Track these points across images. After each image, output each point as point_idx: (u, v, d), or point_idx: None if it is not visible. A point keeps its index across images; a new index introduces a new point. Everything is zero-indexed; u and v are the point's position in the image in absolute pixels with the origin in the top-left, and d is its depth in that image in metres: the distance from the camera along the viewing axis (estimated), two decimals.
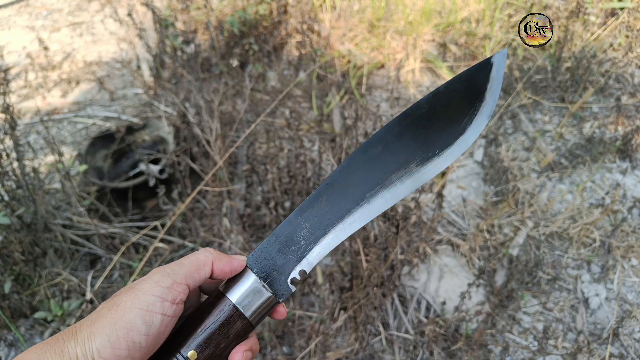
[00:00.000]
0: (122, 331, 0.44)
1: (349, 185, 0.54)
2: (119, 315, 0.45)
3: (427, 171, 0.54)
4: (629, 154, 2.25)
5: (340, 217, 0.53)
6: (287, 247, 0.54)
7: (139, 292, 0.46)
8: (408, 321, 1.68)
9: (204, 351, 0.49)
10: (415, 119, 0.54)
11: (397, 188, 0.54)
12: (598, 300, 1.79)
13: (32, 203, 1.67)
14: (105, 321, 0.45)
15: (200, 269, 0.50)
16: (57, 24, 3.61)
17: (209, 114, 2.06)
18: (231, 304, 0.51)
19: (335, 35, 2.88)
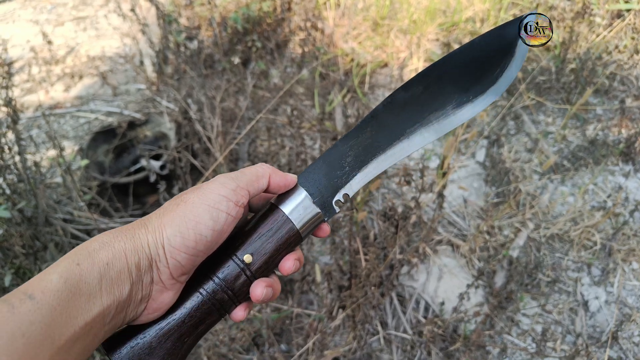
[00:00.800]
0: (191, 223, 0.48)
1: (390, 120, 0.58)
2: (188, 209, 0.49)
3: (461, 115, 0.58)
4: (632, 157, 2.23)
5: (382, 149, 0.58)
6: (333, 171, 0.58)
7: (206, 190, 0.50)
8: (406, 321, 1.68)
9: (258, 256, 0.53)
10: (453, 66, 0.58)
11: (433, 127, 0.58)
12: (598, 303, 1.78)
13: (33, 197, 1.68)
14: (175, 214, 0.49)
15: (260, 179, 0.54)
16: (61, 18, 3.61)
17: (210, 111, 2.06)
18: (284, 215, 0.54)
19: (339, 33, 2.87)
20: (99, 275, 0.44)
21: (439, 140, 2.43)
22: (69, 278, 0.42)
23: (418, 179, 1.56)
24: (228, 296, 0.52)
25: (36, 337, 0.38)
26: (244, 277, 0.53)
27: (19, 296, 0.40)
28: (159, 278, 0.48)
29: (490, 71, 0.58)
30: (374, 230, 1.69)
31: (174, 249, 0.48)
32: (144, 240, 0.48)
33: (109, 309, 0.44)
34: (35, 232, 1.70)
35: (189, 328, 0.51)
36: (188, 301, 0.51)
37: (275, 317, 1.64)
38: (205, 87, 2.23)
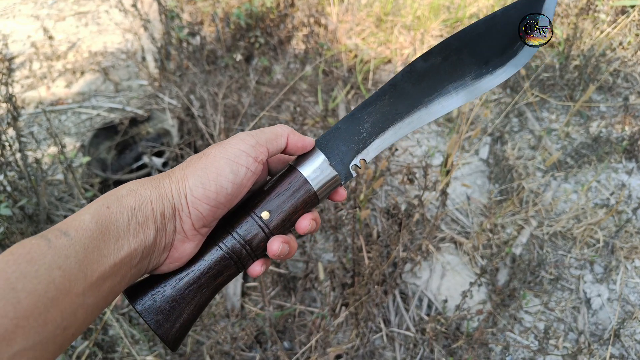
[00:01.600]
0: (212, 175, 0.50)
1: (410, 89, 0.59)
2: (209, 162, 0.51)
3: (480, 86, 0.58)
4: (635, 155, 2.23)
5: (400, 117, 0.58)
6: (351, 137, 0.59)
7: (227, 145, 0.52)
8: (409, 318, 1.68)
9: (275, 214, 0.55)
10: (474, 37, 0.58)
11: (452, 97, 0.58)
12: (600, 300, 1.78)
13: (34, 194, 1.67)
14: (197, 166, 0.51)
15: (279, 138, 0.55)
16: (62, 13, 3.60)
17: (213, 107, 2.05)
18: (302, 176, 0.56)
19: (343, 29, 2.86)
20: (127, 219, 0.46)
21: (442, 137, 2.42)
22: (100, 219, 0.45)
23: (421, 177, 1.56)
24: (246, 251, 0.55)
25: (71, 270, 0.41)
26: (262, 234, 0.55)
27: (55, 233, 0.43)
28: (182, 227, 0.51)
29: (511, 44, 0.58)
30: (377, 228, 1.69)
31: (196, 199, 0.50)
32: (168, 190, 0.50)
33: (136, 252, 0.47)
34: (37, 230, 1.70)
35: (207, 279, 0.54)
36: (208, 254, 0.54)
37: (278, 315, 1.64)
38: (208, 84, 2.22)
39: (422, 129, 2.48)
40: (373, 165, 2.11)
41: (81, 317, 0.42)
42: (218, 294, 1.77)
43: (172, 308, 0.52)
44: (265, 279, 1.71)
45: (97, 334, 1.42)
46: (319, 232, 1.94)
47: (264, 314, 1.60)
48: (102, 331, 1.46)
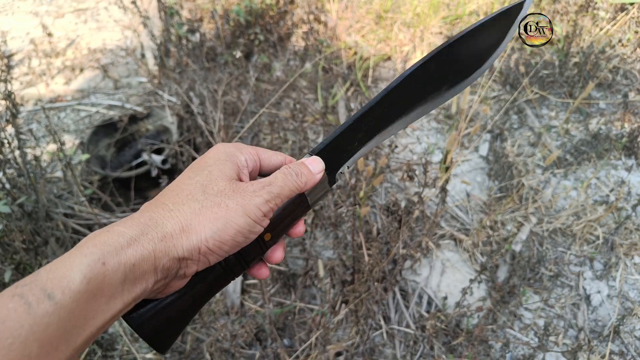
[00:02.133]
0: (232, 232, 0.47)
1: (398, 99, 0.60)
2: (230, 217, 0.47)
3: (448, 94, 0.63)
4: (634, 152, 2.23)
5: (385, 126, 0.60)
6: (347, 146, 0.59)
7: (246, 198, 0.49)
8: (409, 315, 1.68)
9: (275, 234, 0.55)
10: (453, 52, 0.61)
11: (427, 105, 0.62)
12: (600, 297, 1.78)
13: (33, 191, 1.67)
14: (215, 217, 0.47)
15: (288, 181, 0.53)
16: (61, 10, 3.59)
17: (212, 104, 2.05)
18: (305, 199, 0.56)
19: (342, 26, 2.85)
20: (123, 276, 0.41)
21: (441, 134, 2.42)
22: (93, 278, 0.39)
23: (421, 174, 1.56)
24: (241, 265, 0.54)
25: (52, 340, 0.36)
26: (260, 251, 0.55)
27: (38, 295, 0.37)
28: (184, 273, 0.48)
29: (482, 60, 0.62)
30: (377, 225, 1.69)
31: (210, 252, 0.47)
32: (178, 243, 0.45)
33: (128, 305, 0.43)
34: (36, 227, 1.69)
35: (200, 291, 0.53)
36: (203, 272, 0.52)
37: (278, 312, 1.64)
38: (207, 81, 2.22)
39: (422, 126, 2.48)
40: (372, 162, 2.11)
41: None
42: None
43: (162, 316, 0.50)
44: None
45: None
46: (319, 230, 1.94)
47: (263, 311, 1.60)
48: None
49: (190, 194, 0.48)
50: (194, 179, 0.49)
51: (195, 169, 0.50)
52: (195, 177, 0.49)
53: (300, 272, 1.75)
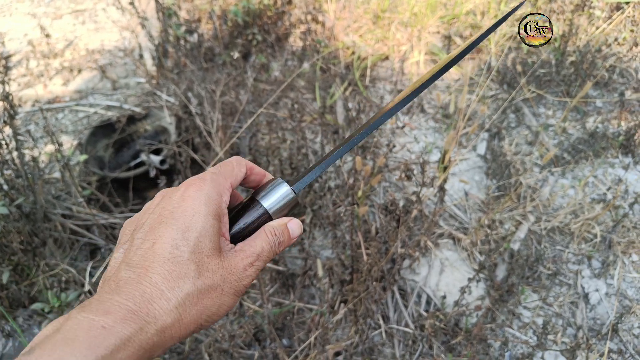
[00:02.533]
0: (223, 312, 0.46)
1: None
2: (223, 300, 0.46)
3: None
4: (631, 150, 2.23)
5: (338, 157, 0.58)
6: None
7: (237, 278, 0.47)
8: (408, 315, 1.68)
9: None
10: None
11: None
12: (598, 295, 1.79)
13: (31, 192, 1.67)
14: (211, 303, 0.45)
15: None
16: (59, 11, 3.58)
17: (210, 105, 2.05)
18: (263, 208, 0.53)
19: (340, 26, 2.86)
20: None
21: (439, 134, 2.42)
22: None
23: (419, 174, 1.56)
24: None
25: None
26: None
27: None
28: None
29: None
30: (376, 224, 1.69)
31: (199, 330, 0.45)
32: (176, 334, 0.42)
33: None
34: (34, 228, 1.69)
35: None
36: None
37: (277, 312, 1.64)
38: (206, 81, 2.22)
39: (420, 125, 2.48)
40: (371, 161, 2.11)
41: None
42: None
43: None
44: (264, 276, 1.71)
45: None
46: (317, 229, 1.94)
47: (262, 311, 1.60)
48: None
49: (183, 273, 0.43)
50: (180, 248, 0.43)
51: (175, 225, 0.44)
52: (182, 241, 0.44)
53: (299, 271, 1.75)
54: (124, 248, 0.45)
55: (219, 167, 0.50)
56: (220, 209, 0.47)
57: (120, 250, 0.46)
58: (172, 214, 0.45)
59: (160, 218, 0.45)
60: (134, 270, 0.42)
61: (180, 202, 0.45)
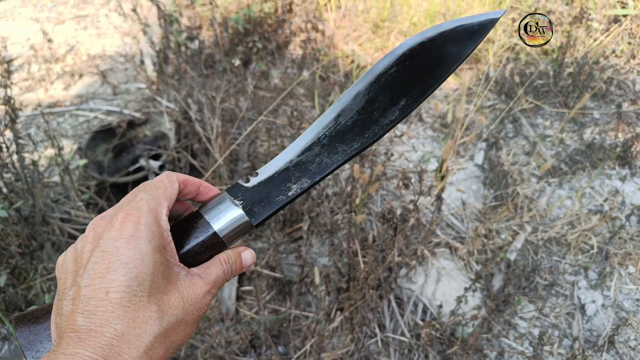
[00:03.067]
0: (186, 341, 0.46)
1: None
2: (187, 331, 0.46)
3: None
4: (628, 161, 2.25)
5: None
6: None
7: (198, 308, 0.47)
8: (404, 324, 1.68)
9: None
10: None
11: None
12: (594, 307, 1.79)
13: (30, 196, 1.67)
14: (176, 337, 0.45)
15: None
16: (61, 16, 3.61)
17: (210, 111, 2.06)
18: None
19: (340, 34, 2.88)
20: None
21: (437, 143, 2.43)
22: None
23: (416, 182, 1.57)
24: None
25: None
26: None
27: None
28: None
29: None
30: (373, 233, 1.70)
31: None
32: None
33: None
34: (32, 232, 1.70)
35: None
36: None
37: (273, 319, 1.64)
38: (206, 87, 2.23)
39: (418, 134, 2.50)
40: (369, 169, 2.12)
41: None
42: (213, 298, 1.77)
43: None
44: (261, 282, 1.72)
45: None
46: (315, 236, 1.94)
47: (258, 318, 1.60)
48: None
49: (147, 317, 0.42)
50: (138, 294, 0.42)
51: (126, 271, 0.42)
52: (137, 287, 0.42)
53: (295, 279, 1.75)
54: (70, 295, 0.43)
55: (151, 191, 0.48)
56: (164, 239, 0.46)
57: (68, 296, 0.43)
58: (118, 259, 0.42)
59: (105, 263, 0.42)
60: (92, 320, 0.40)
61: (124, 245, 0.43)
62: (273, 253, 1.68)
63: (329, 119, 0.57)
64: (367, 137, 0.56)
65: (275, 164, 0.55)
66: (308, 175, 0.55)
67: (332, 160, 0.55)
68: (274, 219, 1.87)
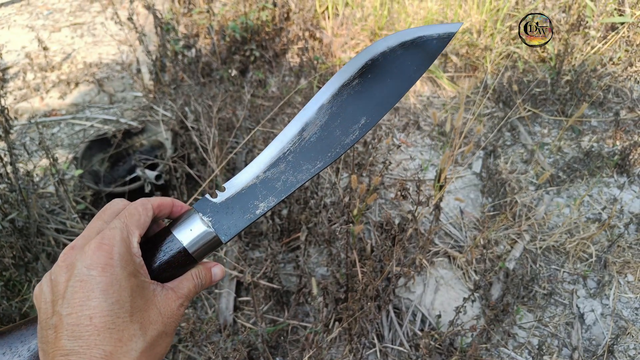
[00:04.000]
0: (165, 352, 0.50)
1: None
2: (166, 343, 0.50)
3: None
4: (626, 169, 2.25)
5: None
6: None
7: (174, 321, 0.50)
8: (403, 334, 1.67)
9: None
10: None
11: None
12: (593, 316, 1.78)
13: (25, 207, 1.66)
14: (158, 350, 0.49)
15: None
16: (57, 24, 3.60)
17: (207, 120, 2.05)
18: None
19: (337, 43, 2.88)
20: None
21: (435, 151, 2.43)
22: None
23: (414, 192, 1.56)
24: None
25: None
26: None
27: None
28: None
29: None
30: (371, 243, 1.69)
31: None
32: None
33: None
34: (27, 243, 1.68)
35: None
36: None
37: (271, 330, 1.62)
38: (203, 96, 2.22)
39: (416, 143, 2.49)
40: (367, 179, 2.12)
41: None
42: (210, 309, 1.76)
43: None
44: (258, 293, 1.70)
45: None
46: (312, 246, 1.93)
47: (256, 329, 1.59)
48: None
49: (131, 335, 0.45)
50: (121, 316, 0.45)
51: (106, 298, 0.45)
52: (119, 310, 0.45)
53: (293, 289, 1.74)
54: (52, 323, 0.45)
55: (125, 219, 0.50)
56: (136, 264, 0.48)
57: (51, 324, 0.45)
58: (97, 287, 0.44)
59: (84, 292, 0.44)
60: (79, 343, 0.43)
61: (100, 273, 0.45)
62: (270, 264, 1.67)
63: (293, 133, 0.57)
64: (329, 156, 0.56)
65: (242, 178, 0.56)
66: (274, 193, 0.56)
67: (297, 179, 0.56)
68: (272, 229, 1.86)
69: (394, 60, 0.58)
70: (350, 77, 0.58)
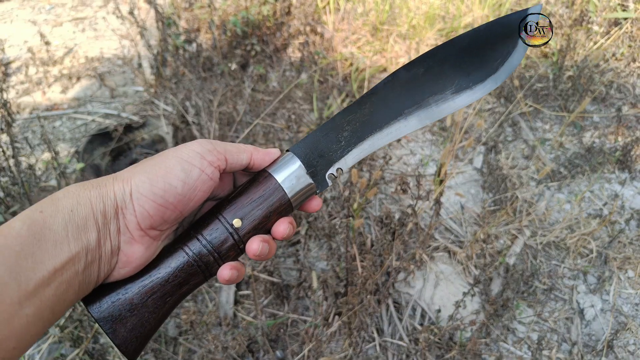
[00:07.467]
0: (162, 172, 0.48)
1: (390, 98, 0.58)
2: (160, 160, 0.49)
3: (459, 101, 0.58)
4: (628, 165, 2.24)
5: (379, 127, 0.57)
6: (329, 145, 0.57)
7: (181, 147, 0.51)
8: (402, 328, 1.67)
9: (247, 221, 0.53)
10: (456, 50, 0.58)
11: (432, 110, 0.58)
12: (593, 311, 1.78)
13: (27, 200, 1.66)
14: (146, 164, 0.49)
15: (241, 153, 0.54)
16: (59, 18, 3.60)
17: (208, 115, 2.05)
18: (276, 183, 0.54)
19: (338, 37, 2.87)
20: (63, 221, 0.44)
21: (436, 146, 2.43)
22: (32, 224, 0.42)
23: (415, 187, 1.56)
24: (214, 258, 0.52)
25: (0, 278, 0.39)
26: (232, 240, 0.52)
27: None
28: (126, 227, 0.48)
29: (492, 59, 0.58)
30: (371, 237, 1.69)
31: (142, 195, 0.48)
32: (111, 188, 0.47)
33: (79, 256, 0.44)
34: None
35: (172, 287, 0.50)
36: (173, 260, 0.51)
37: (271, 324, 1.63)
38: (204, 91, 2.23)
39: (417, 138, 2.49)
40: (367, 174, 2.12)
41: (20, 328, 0.40)
42: (210, 303, 1.77)
43: (132, 316, 0.48)
44: (258, 287, 1.71)
45: (87, 342, 1.41)
46: (313, 240, 1.93)
47: (256, 322, 1.59)
48: (93, 340, 1.45)
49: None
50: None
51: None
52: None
53: (293, 283, 1.74)
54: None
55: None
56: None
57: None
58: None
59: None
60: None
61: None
62: (271, 258, 1.67)
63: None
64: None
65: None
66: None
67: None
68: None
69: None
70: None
